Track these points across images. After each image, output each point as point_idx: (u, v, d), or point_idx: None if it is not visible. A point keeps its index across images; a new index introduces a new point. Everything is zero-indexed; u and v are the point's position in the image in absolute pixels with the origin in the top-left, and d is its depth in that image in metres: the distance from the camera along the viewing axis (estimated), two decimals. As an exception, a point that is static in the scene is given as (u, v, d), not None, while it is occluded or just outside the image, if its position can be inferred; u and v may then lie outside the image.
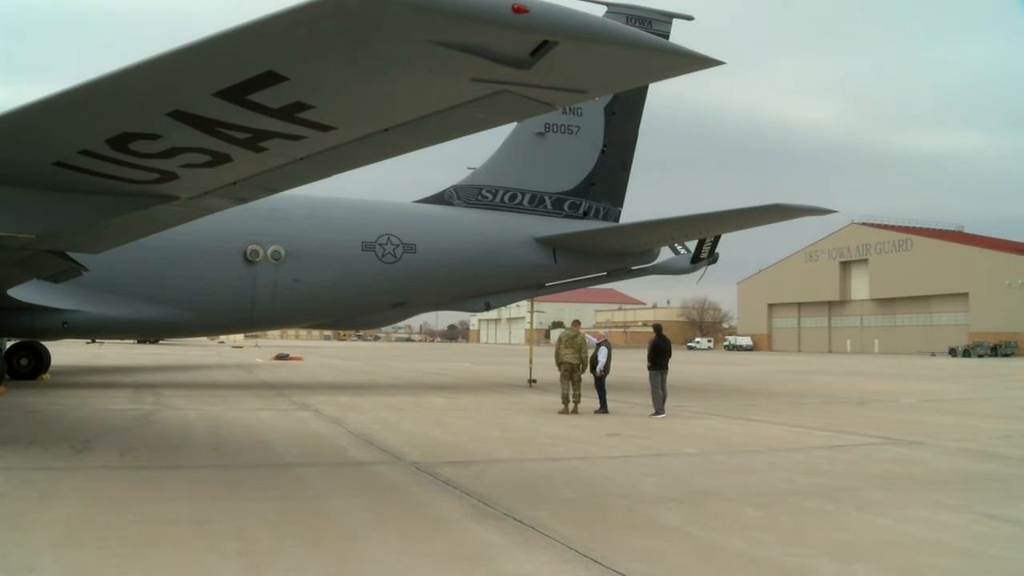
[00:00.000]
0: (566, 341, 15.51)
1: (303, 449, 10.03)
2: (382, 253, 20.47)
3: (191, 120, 6.41)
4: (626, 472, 8.71)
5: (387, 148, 7.19)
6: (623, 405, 17.40)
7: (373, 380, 25.69)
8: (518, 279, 22.83)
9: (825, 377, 31.51)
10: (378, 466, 8.89)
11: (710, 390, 23.04)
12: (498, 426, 12.92)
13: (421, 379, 26.85)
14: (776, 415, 15.20)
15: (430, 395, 19.36)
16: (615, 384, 25.43)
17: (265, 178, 8.06)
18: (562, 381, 15.37)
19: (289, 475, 8.21)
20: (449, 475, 8.27)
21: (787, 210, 18.63)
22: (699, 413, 15.57)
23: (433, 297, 22.51)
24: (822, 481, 8.23)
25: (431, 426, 12.70)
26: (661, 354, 15.22)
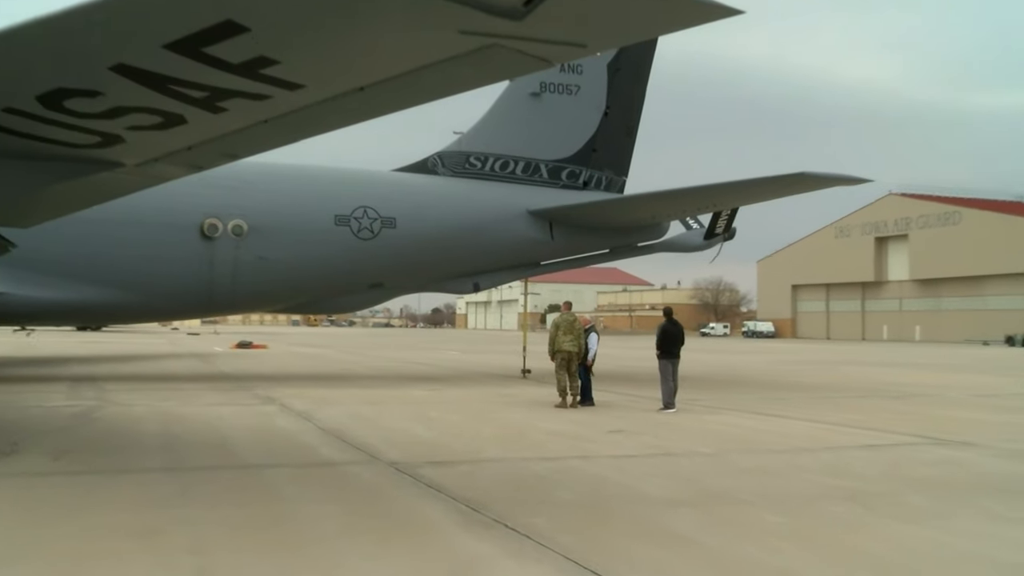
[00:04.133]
0: (564, 327, 15.57)
1: (268, 448, 10.05)
2: (357, 228, 20.40)
3: (138, 76, 6.20)
4: (631, 473, 8.76)
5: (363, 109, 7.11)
6: (628, 398, 17.51)
7: (347, 370, 25.72)
8: (510, 257, 22.83)
9: (858, 368, 31.73)
10: (353, 467, 8.91)
11: (726, 382, 23.18)
12: (488, 421, 12.96)
13: (401, 369, 26.91)
14: (801, 410, 15.30)
15: (411, 387, 19.40)
16: (619, 374, 25.81)
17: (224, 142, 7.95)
18: (558, 372, 15.44)
19: (252, 478, 8.22)
20: (433, 476, 8.30)
21: (814, 179, 18.57)
22: (713, 407, 15.66)
23: (415, 277, 22.50)
24: (853, 485, 8.22)
25: (413, 422, 12.74)
26: (672, 341, 15.26)
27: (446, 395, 17.55)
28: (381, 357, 35.66)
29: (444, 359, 34.52)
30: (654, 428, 12.49)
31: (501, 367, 28.32)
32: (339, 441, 10.63)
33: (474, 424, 12.63)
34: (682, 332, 15.52)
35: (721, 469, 9.09)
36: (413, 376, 23.66)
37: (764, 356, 43.16)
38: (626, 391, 19.22)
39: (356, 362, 31.12)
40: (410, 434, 11.39)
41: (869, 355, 46.09)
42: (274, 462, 9.14)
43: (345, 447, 10.18)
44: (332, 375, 23.47)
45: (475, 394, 17.90)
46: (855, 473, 8.89)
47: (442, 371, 26.33)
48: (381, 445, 10.27)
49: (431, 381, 21.51)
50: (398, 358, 34.84)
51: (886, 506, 7.33)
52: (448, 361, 32.72)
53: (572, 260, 24.40)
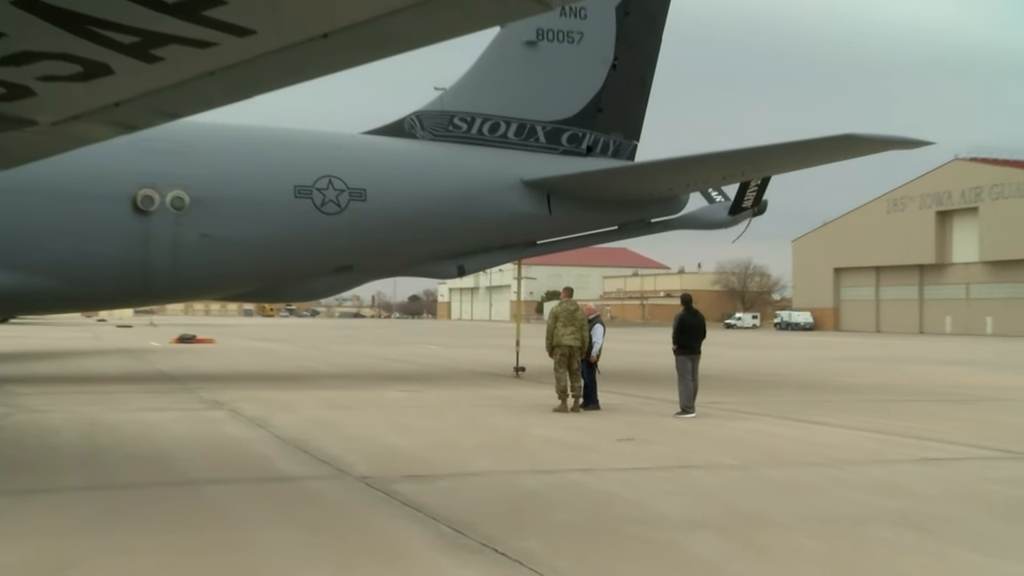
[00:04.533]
0: (564, 318, 15.61)
1: (214, 461, 10.05)
2: (321, 201, 20.36)
3: (48, 13, 5.95)
4: (642, 489, 8.79)
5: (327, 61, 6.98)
6: (639, 401, 17.56)
7: (309, 369, 25.80)
8: (501, 235, 22.85)
9: (914, 367, 31.91)
10: (315, 482, 8.93)
11: (755, 382, 23.29)
12: (474, 428, 13.02)
13: (373, 367, 26.96)
14: (845, 416, 15.34)
15: (385, 387, 19.45)
16: (629, 373, 25.96)
17: (161, 98, 7.80)
18: (557, 369, 15.52)
19: (195, 496, 8.21)
20: (409, 493, 8.32)
21: (862, 142, 18.46)
22: (740, 412, 15.73)
23: (389, 259, 22.51)
24: (910, 506, 8.18)
25: (386, 428, 12.78)
26: (691, 334, 15.32)
27: (425, 397, 17.59)
28: (349, 353, 35.68)
29: (423, 355, 34.56)
30: (670, 436, 12.54)
31: (490, 364, 28.36)
32: (299, 452, 10.64)
33: (458, 431, 12.65)
34: (703, 323, 15.56)
35: (750, 485, 9.12)
36: (386, 375, 23.64)
37: (800, 352, 43.32)
38: (637, 392, 19.24)
39: (320, 359, 31.15)
40: (383, 443, 11.41)
41: (928, 351, 46.22)
42: (221, 477, 9.13)
43: (306, 459, 10.19)
44: (291, 374, 23.47)
45: (459, 396, 17.92)
46: (911, 492, 8.87)
47: (421, 369, 26.31)
48: (349, 456, 10.29)
49: (408, 381, 21.52)
50: (369, 354, 34.85)
51: (950, 532, 7.25)
52: (428, 357, 32.76)
53: (574, 239, 24.43)
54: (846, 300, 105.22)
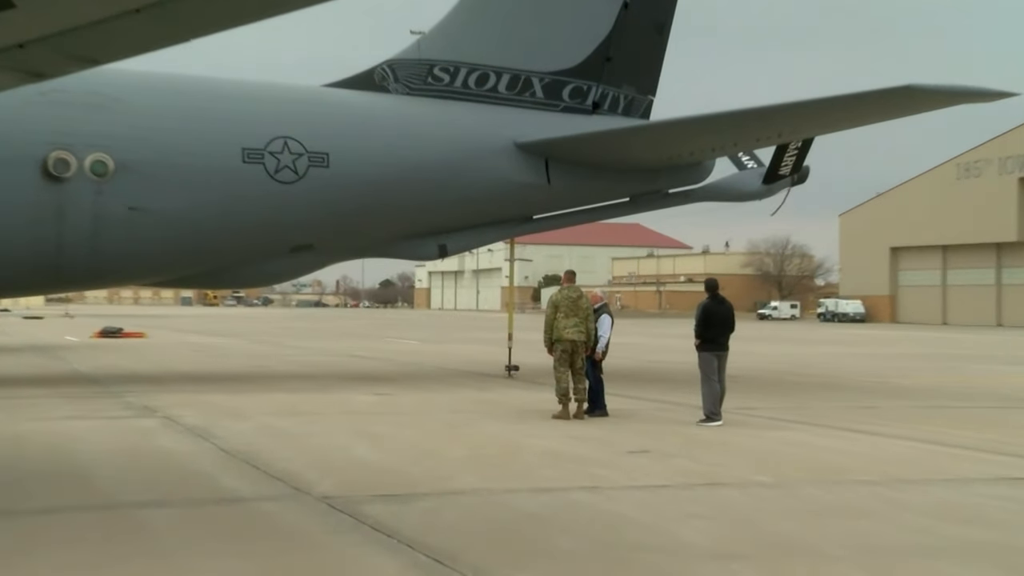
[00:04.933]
0: (566, 307, 15.59)
1: (145, 480, 10.01)
2: (275, 167, 20.27)
3: None
4: (659, 511, 8.79)
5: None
6: (654, 406, 17.61)
7: (261, 368, 25.90)
8: (491, 209, 22.85)
9: (988, 366, 31.96)
10: (268, 504, 8.91)
11: (795, 384, 23.37)
12: (459, 438, 13.05)
13: (338, 365, 27.04)
14: (903, 425, 15.37)
15: (352, 390, 19.51)
16: (642, 373, 25.88)
17: (76, 40, 7.66)
18: (557, 369, 15.57)
19: (122, 522, 8.16)
20: (381, 516, 8.31)
21: (925, 94, 18.35)
22: (777, 420, 15.78)
23: (356, 237, 22.51)
24: (984, 536, 8.15)
25: (353, 439, 12.80)
26: (717, 326, 15.34)
27: (401, 402, 17.60)
28: (310, 349, 35.76)
29: (398, 351, 34.61)
30: (692, 448, 12.56)
31: (477, 362, 28.40)
32: (249, 468, 10.63)
33: (440, 442, 12.67)
34: (731, 314, 15.58)
35: (788, 507, 9.10)
36: (354, 375, 23.68)
37: (849, 348, 43.47)
38: (652, 396, 19.26)
39: (274, 356, 31.19)
40: (350, 457, 11.41)
41: (1006, 348, 46.31)
42: (152, 499, 9.07)
43: (258, 476, 10.17)
44: (240, 375, 23.49)
45: (441, 400, 17.96)
46: (988, 518, 8.80)
47: (395, 368, 26.36)
48: (309, 473, 10.27)
49: (380, 382, 21.56)
50: (333, 350, 34.91)
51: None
52: (404, 354, 32.81)
53: (577, 213, 24.46)
54: (905, 286, 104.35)
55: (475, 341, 43.68)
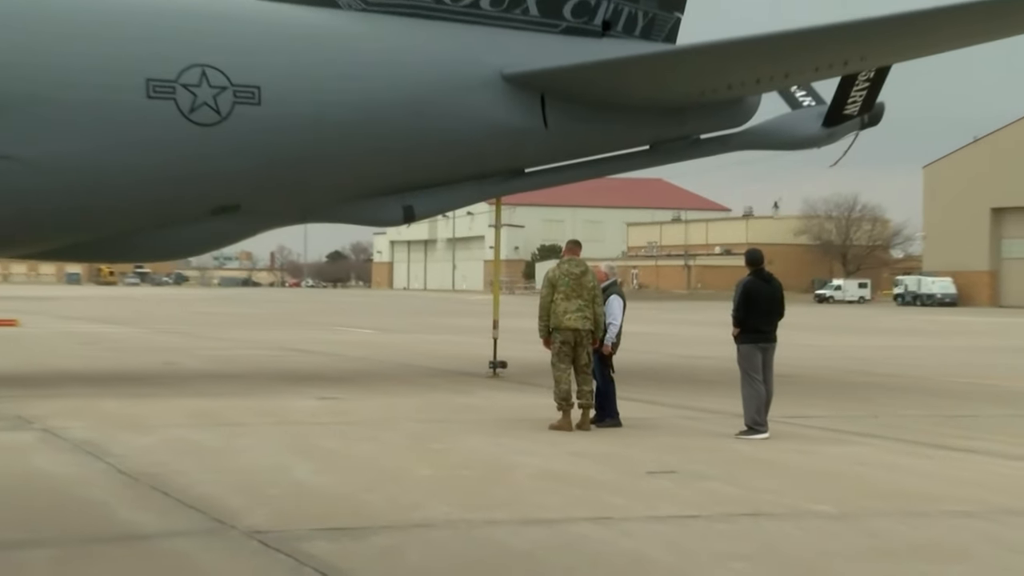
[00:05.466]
0: (567, 286, 15.52)
1: (18, 512, 9.97)
2: (190, 104, 20.15)
3: None
4: (688, 551, 8.80)
5: None
6: (680, 413, 17.67)
7: (173, 365, 25.86)
8: (471, 160, 22.79)
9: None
10: (182, 540, 8.91)
11: (864, 386, 23.42)
12: (429, 455, 13.06)
13: (273, 362, 27.14)
14: (1007, 440, 15.35)
15: (292, 393, 19.57)
16: (664, 371, 25.87)
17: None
18: (557, 365, 15.55)
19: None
20: (328, 555, 8.33)
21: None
22: (840, 432, 15.82)
23: (296, 196, 22.44)
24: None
25: (293, 456, 12.82)
26: (763, 311, 15.29)
27: (353, 408, 17.66)
28: (236, 341, 35.76)
29: (350, 343, 34.64)
30: (730, 468, 12.56)
31: (454, 357, 28.45)
32: (156, 494, 10.59)
33: (403, 460, 12.68)
34: (780, 295, 15.55)
35: (856, 546, 9.11)
36: (294, 374, 23.74)
37: (936, 340, 43.61)
38: (677, 400, 19.32)
39: (189, 350, 31.18)
40: (287, 479, 11.41)
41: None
42: (30, 538, 9.01)
43: (167, 505, 10.14)
44: (143, 374, 23.45)
45: (405, 406, 17.98)
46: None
47: (347, 365, 26.41)
48: (234, 500, 10.26)
49: (327, 383, 21.61)
50: (266, 342, 34.95)
51: None
52: (358, 347, 32.90)
53: (582, 166, 24.44)
54: (1010, 258, 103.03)
55: (450, 330, 43.66)
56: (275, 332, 41.31)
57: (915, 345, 38.84)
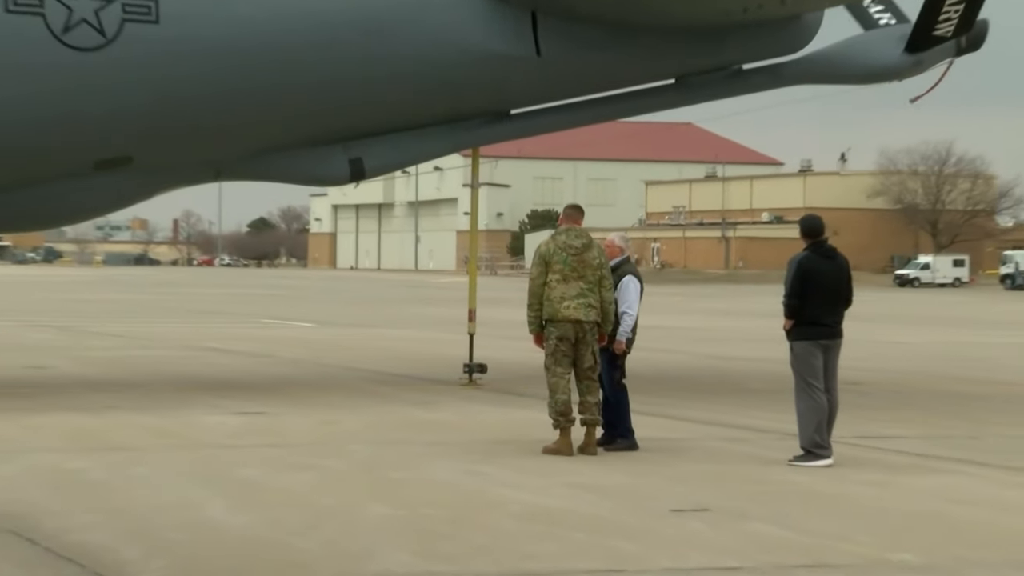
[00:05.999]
0: (566, 264, 15.48)
1: None
2: (64, 21, 20.16)
3: None
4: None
5: None
6: (713, 432, 17.79)
7: (42, 371, 25.84)
8: (439, 98, 22.88)
9: None
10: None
11: (960, 397, 23.42)
12: (383, 488, 13.11)
13: (178, 365, 27.18)
14: None
15: (202, 406, 19.64)
16: (693, 377, 25.99)
17: None
18: (552, 369, 15.53)
19: None
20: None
21: None
22: (928, 457, 15.85)
23: (206, 145, 22.52)
24: None
25: (203, 489, 12.85)
26: (824, 297, 15.24)
27: (285, 426, 17.74)
28: (126, 337, 35.74)
29: (280, 341, 34.73)
30: (781, 504, 12.57)
31: (417, 359, 28.56)
32: (15, 542, 10.52)
33: (351, 495, 12.71)
34: (847, 276, 15.57)
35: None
36: (205, 381, 23.80)
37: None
38: (712, 415, 19.42)
39: (65, 349, 31.18)
40: (196, 520, 11.38)
41: None
42: None
43: (31, 556, 10.09)
44: (1, 382, 23.36)
45: (354, 423, 18.08)
46: None
47: (276, 370, 26.56)
48: (125, 548, 10.24)
49: (248, 393, 21.70)
50: (169, 339, 35.00)
51: None
52: (290, 346, 33.03)
53: (585, 106, 24.53)
54: None
55: (412, 323, 43.66)
56: (180, 326, 41.22)
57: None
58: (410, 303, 61.19)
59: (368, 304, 60.72)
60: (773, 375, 22.23)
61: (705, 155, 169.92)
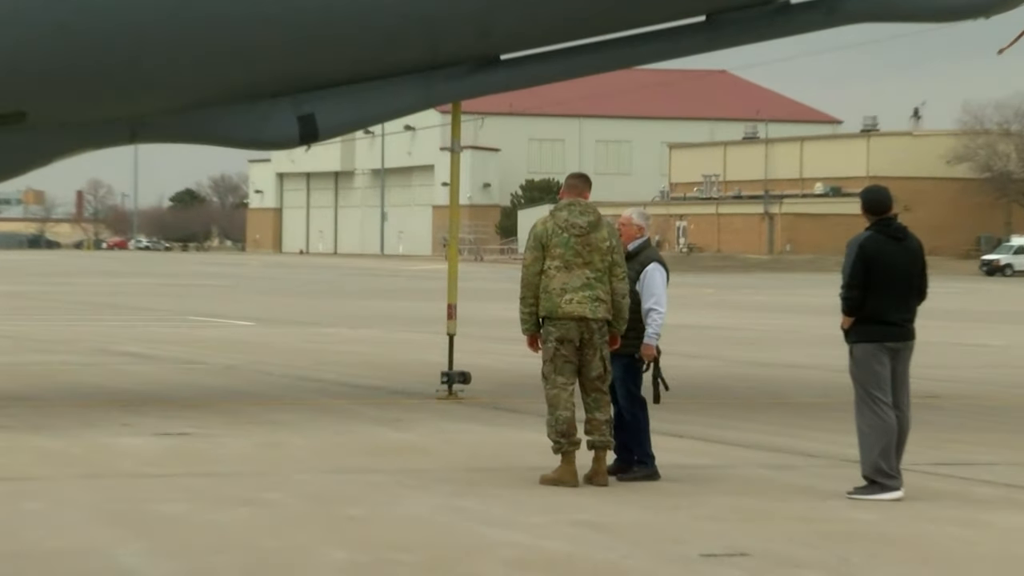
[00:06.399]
0: (569, 247, 15.50)
1: None
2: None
3: None
4: None
5: None
6: (752, 457, 17.89)
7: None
8: (409, 37, 22.93)
9: None
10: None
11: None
12: (341, 527, 13.11)
13: (82, 373, 27.29)
14: None
15: (113, 426, 19.67)
16: (719, 388, 26.30)
17: None
18: (552, 379, 15.53)
19: None
20: None
21: None
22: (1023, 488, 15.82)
23: (118, 98, 22.59)
24: None
25: (113, 529, 12.84)
26: (892, 287, 15.25)
27: (217, 450, 17.81)
28: (18, 339, 35.91)
29: (213, 343, 35.03)
30: (839, 547, 12.46)
31: (383, 365, 28.87)
32: None
33: (300, 535, 12.68)
34: (921, 262, 15.61)
35: None
36: (117, 395, 23.86)
37: None
38: (751, 435, 19.54)
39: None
40: (105, 570, 11.32)
41: None
42: None
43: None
44: None
45: (303, 447, 18.17)
46: None
47: (206, 380, 26.74)
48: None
49: (172, 409, 21.78)
50: (71, 340, 35.19)
51: None
52: (225, 349, 33.31)
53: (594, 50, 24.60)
54: None
55: (379, 322, 43.74)
56: (85, 325, 41.26)
57: None
58: (375, 296, 61.30)
59: (322, 298, 60.84)
60: (828, 386, 22.27)
61: (744, 111, 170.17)
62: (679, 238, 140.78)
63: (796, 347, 34.08)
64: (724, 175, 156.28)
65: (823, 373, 24.68)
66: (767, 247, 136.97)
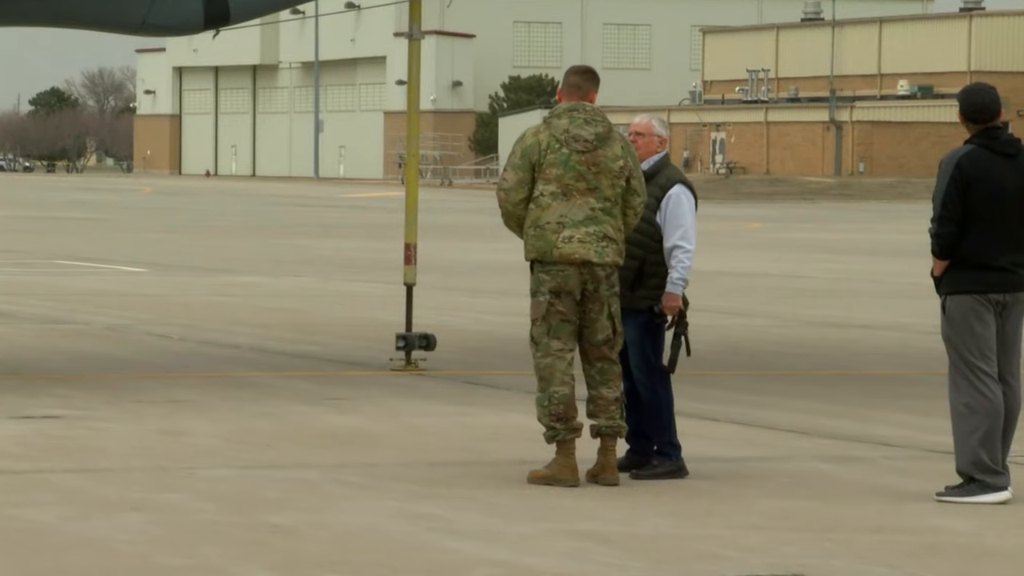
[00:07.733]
0: (568, 167, 15.51)
1: None
2: None
3: None
4: None
5: None
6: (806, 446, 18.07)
7: None
8: None
9: None
10: None
11: None
12: (264, 539, 13.13)
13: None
14: None
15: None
16: (758, 354, 26.43)
17: None
18: (544, 344, 15.63)
19: None
20: None
21: None
22: None
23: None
24: None
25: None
26: (1000, 221, 15.25)
27: (97, 438, 17.85)
28: None
29: (90, 297, 35.62)
30: (927, 565, 12.55)
31: (320, 325, 29.39)
32: None
33: (208, 549, 12.70)
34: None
35: None
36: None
37: None
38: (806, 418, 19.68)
39: None
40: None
41: None
42: None
43: None
44: None
45: (212, 431, 18.33)
46: None
47: (81, 344, 27.02)
48: None
49: (35, 385, 21.89)
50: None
51: None
52: (106, 304, 33.74)
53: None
54: None
55: (313, 268, 43.92)
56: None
57: None
58: (307, 234, 61.57)
59: (235, 236, 61.00)
60: (912, 352, 22.47)
61: None
62: (715, 155, 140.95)
63: (870, 301, 34.32)
64: (776, 70, 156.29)
65: (906, 335, 24.90)
66: (833, 167, 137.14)
